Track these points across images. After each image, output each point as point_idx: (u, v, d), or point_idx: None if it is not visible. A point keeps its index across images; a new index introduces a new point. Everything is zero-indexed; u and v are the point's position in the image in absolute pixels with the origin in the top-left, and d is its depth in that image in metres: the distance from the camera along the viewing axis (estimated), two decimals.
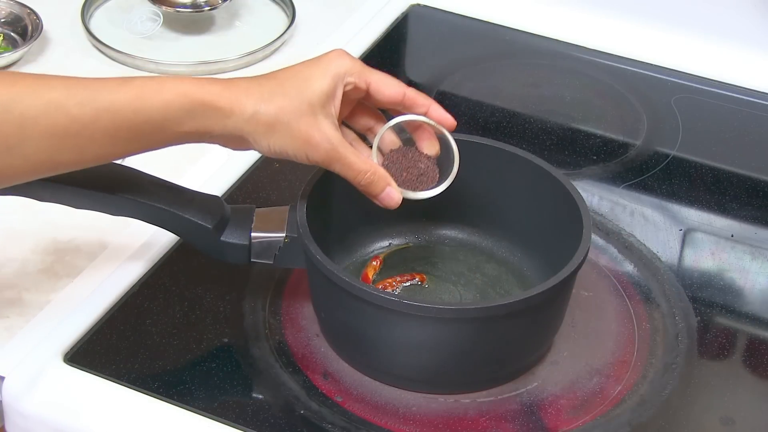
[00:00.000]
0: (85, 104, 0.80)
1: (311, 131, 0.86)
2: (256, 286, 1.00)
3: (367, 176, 0.89)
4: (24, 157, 0.80)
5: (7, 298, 0.98)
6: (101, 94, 0.81)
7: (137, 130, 0.83)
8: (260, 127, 0.85)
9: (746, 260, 1.08)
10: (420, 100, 0.91)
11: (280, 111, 0.85)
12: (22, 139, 0.79)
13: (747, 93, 1.30)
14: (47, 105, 0.79)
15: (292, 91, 0.86)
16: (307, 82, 0.87)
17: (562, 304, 0.94)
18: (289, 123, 0.85)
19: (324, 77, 0.87)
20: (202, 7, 1.34)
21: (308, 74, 0.87)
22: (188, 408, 0.89)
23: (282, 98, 0.85)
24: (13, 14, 1.30)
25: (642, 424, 0.90)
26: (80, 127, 0.80)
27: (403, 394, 0.91)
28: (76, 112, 0.80)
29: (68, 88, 0.80)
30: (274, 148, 0.87)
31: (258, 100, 0.85)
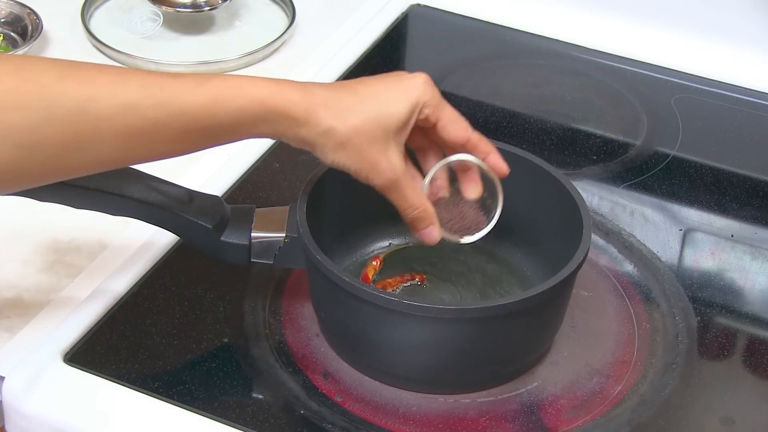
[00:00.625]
0: (159, 107, 0.80)
1: (380, 158, 0.86)
2: (256, 286, 1.00)
3: (417, 212, 0.90)
4: (95, 155, 0.80)
5: (7, 298, 0.98)
6: (177, 97, 0.80)
7: (209, 132, 0.83)
8: (331, 142, 0.85)
9: (746, 260, 1.08)
10: (482, 147, 0.91)
11: (355, 132, 0.85)
12: (95, 139, 0.79)
13: (747, 93, 1.30)
14: (123, 107, 0.79)
15: (371, 113, 0.85)
16: (386, 106, 0.86)
17: (562, 304, 0.94)
18: (361, 145, 0.85)
19: (404, 104, 0.86)
20: (202, 7, 1.34)
21: (389, 96, 0.86)
22: (188, 408, 0.89)
23: (359, 118, 0.85)
24: (13, 14, 1.30)
25: (642, 424, 0.90)
26: (153, 129, 0.80)
27: (403, 394, 0.91)
28: (151, 115, 0.79)
29: (145, 88, 0.80)
30: (338, 163, 0.87)
31: (335, 115, 0.84)
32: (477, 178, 0.93)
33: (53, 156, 0.78)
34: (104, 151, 0.80)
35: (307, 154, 1.18)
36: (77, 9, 1.34)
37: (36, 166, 0.79)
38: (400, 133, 0.87)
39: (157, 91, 0.80)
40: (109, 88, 0.79)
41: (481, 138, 0.91)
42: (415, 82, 0.88)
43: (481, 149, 0.91)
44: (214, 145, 0.85)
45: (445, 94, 0.90)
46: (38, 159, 0.78)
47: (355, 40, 1.32)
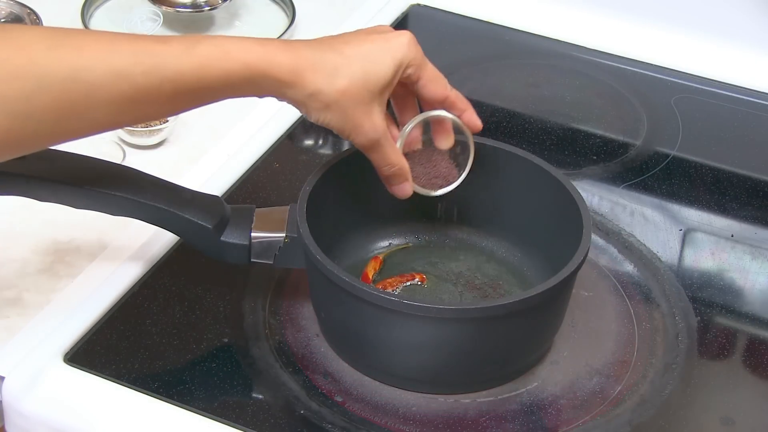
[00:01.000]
0: (150, 73, 0.81)
1: (363, 119, 0.88)
2: (256, 286, 1.00)
3: (393, 169, 0.92)
4: (88, 120, 0.81)
5: (7, 298, 0.98)
6: (166, 62, 0.81)
7: (198, 94, 0.84)
8: (318, 104, 0.86)
9: (746, 260, 1.08)
10: (458, 104, 0.93)
11: (341, 95, 0.86)
12: (87, 105, 0.80)
13: (747, 93, 1.30)
14: (114, 74, 0.80)
15: (357, 75, 0.86)
16: (372, 66, 0.87)
17: (562, 304, 0.94)
18: (346, 107, 0.87)
19: (388, 64, 0.88)
20: (202, 7, 1.34)
21: (375, 57, 0.88)
22: (188, 408, 0.89)
23: (345, 81, 0.86)
24: (13, 14, 1.30)
25: (642, 424, 0.90)
26: (144, 94, 0.81)
27: (403, 394, 0.91)
28: (142, 81, 0.80)
29: (135, 55, 0.81)
30: (323, 122, 0.88)
31: (322, 78, 0.85)
32: (450, 130, 0.95)
33: (47, 123, 0.79)
34: (97, 117, 0.81)
35: (307, 154, 1.18)
36: (77, 9, 1.34)
37: (30, 134, 0.80)
38: (384, 93, 0.88)
39: (147, 58, 0.81)
40: (100, 56, 0.80)
41: (459, 95, 0.93)
42: (399, 41, 0.89)
43: (458, 106, 0.93)
44: (202, 105, 0.86)
45: None
46: (32, 127, 0.79)
47: None
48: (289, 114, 1.19)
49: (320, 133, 1.21)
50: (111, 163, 0.95)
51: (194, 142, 1.17)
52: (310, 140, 1.19)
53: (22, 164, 0.90)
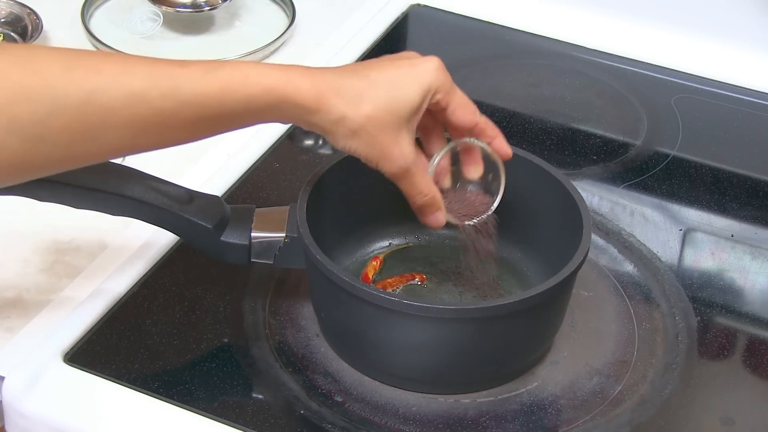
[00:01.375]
0: (168, 96, 0.79)
1: (392, 146, 0.86)
2: (256, 286, 1.00)
3: (426, 198, 0.90)
4: (103, 145, 0.80)
5: (7, 298, 0.98)
6: (185, 86, 0.79)
7: (218, 120, 0.82)
8: (344, 130, 0.84)
9: (746, 260, 1.08)
10: (488, 132, 0.92)
11: (367, 121, 0.84)
12: (103, 128, 0.78)
13: (747, 93, 1.30)
14: (130, 97, 0.78)
15: (382, 100, 0.84)
16: (399, 92, 0.85)
17: (562, 304, 0.94)
18: (373, 133, 0.85)
19: (416, 90, 0.86)
20: (202, 7, 1.34)
21: (402, 82, 0.86)
22: (188, 408, 0.89)
23: (371, 106, 0.84)
24: (13, 14, 1.30)
25: (642, 424, 0.90)
26: (161, 118, 0.79)
27: (403, 394, 0.91)
28: (159, 105, 0.79)
29: (152, 78, 0.79)
30: (349, 149, 0.86)
31: (347, 104, 0.84)
32: (479, 159, 0.93)
33: (60, 147, 0.78)
34: (112, 141, 0.79)
35: (307, 154, 1.18)
36: (77, 9, 1.34)
37: (43, 158, 0.78)
38: (412, 120, 0.87)
39: (165, 81, 0.79)
40: (115, 79, 0.78)
41: (488, 122, 0.91)
42: (427, 66, 0.87)
43: (488, 134, 0.92)
44: (224, 131, 0.84)
45: None
46: (45, 151, 0.77)
47: (355, 40, 1.32)
48: None
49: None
50: (111, 163, 0.95)
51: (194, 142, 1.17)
52: (310, 140, 1.19)
53: None
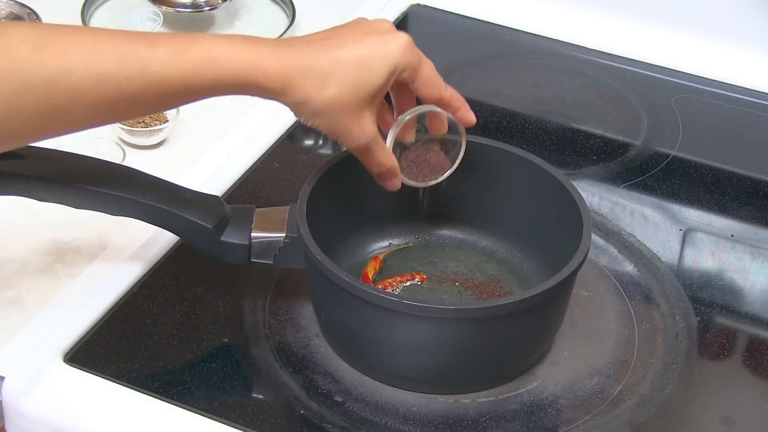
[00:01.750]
0: (135, 78, 0.80)
1: (353, 126, 0.87)
2: (256, 286, 1.00)
3: (383, 169, 0.92)
4: (70, 121, 0.81)
5: (7, 298, 0.98)
6: (153, 68, 0.80)
7: (183, 98, 0.83)
8: (306, 109, 0.86)
9: (746, 260, 1.08)
10: (453, 103, 0.92)
11: (331, 103, 0.85)
12: (70, 108, 0.79)
13: (747, 93, 1.30)
14: (98, 79, 0.79)
15: (349, 83, 0.85)
16: (366, 73, 0.86)
17: (562, 304, 0.94)
18: (335, 115, 0.86)
19: (384, 70, 0.86)
20: (202, 7, 1.34)
21: (369, 63, 0.86)
22: (188, 408, 0.89)
23: (336, 89, 0.85)
24: (13, 14, 1.30)
25: (642, 424, 0.90)
26: (128, 98, 0.80)
27: (403, 394, 0.91)
28: (126, 86, 0.80)
29: (121, 60, 0.79)
30: (312, 125, 0.88)
31: (312, 86, 0.84)
32: (443, 120, 0.94)
33: (28, 124, 0.79)
34: (79, 118, 0.81)
35: (307, 154, 1.18)
36: (77, 9, 1.34)
37: (12, 133, 0.79)
38: (375, 99, 0.88)
39: (133, 62, 0.80)
40: (84, 60, 0.79)
41: (453, 95, 0.92)
42: (396, 46, 0.87)
43: (453, 105, 0.93)
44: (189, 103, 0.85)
45: None
46: (12, 128, 0.79)
47: None
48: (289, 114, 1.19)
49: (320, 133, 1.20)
50: (111, 163, 0.95)
51: (194, 142, 1.17)
52: (310, 140, 1.19)
53: (22, 164, 0.90)
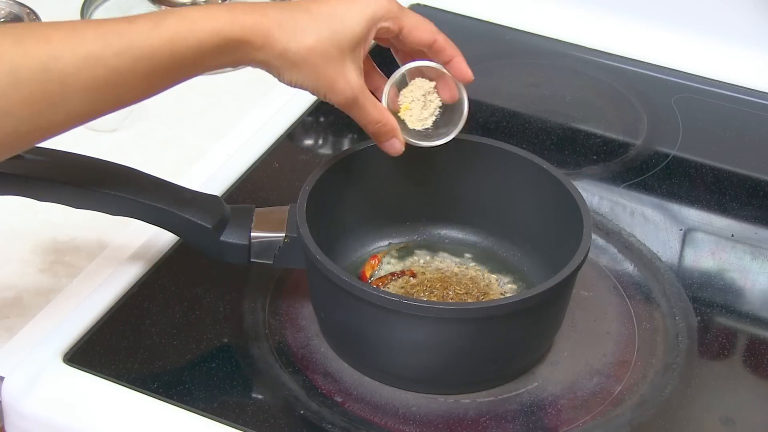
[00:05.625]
0: (121, 53, 0.80)
1: (336, 76, 0.87)
2: (256, 286, 1.00)
3: (377, 126, 0.91)
4: (66, 111, 0.80)
5: (7, 298, 0.98)
6: (136, 40, 0.80)
7: (172, 69, 0.83)
8: (287, 63, 0.86)
9: (746, 260, 1.08)
10: (447, 50, 0.92)
11: (310, 53, 0.85)
12: (63, 95, 0.79)
13: (747, 93, 1.30)
14: (86, 59, 0.79)
15: (324, 32, 0.85)
16: (341, 23, 0.86)
17: (562, 304, 0.94)
18: (316, 65, 0.86)
19: (359, 20, 0.87)
20: None
21: (344, 13, 0.86)
22: (188, 408, 0.89)
23: (313, 38, 0.85)
24: (13, 14, 1.30)
25: (642, 424, 0.90)
26: (119, 76, 0.80)
27: (403, 394, 0.91)
28: (114, 63, 0.80)
29: (104, 38, 0.80)
30: (296, 83, 0.87)
31: (290, 36, 0.85)
32: (452, 86, 0.94)
33: (25, 119, 0.78)
34: (75, 107, 0.80)
35: (307, 154, 1.18)
36: (77, 8, 1.34)
37: (10, 132, 0.78)
38: (357, 50, 0.87)
39: (116, 39, 0.80)
40: (67, 44, 0.79)
41: (447, 41, 0.91)
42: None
43: (447, 53, 0.92)
44: (180, 81, 0.85)
45: None
46: (11, 125, 0.78)
47: None
48: (289, 114, 1.19)
49: (320, 133, 1.21)
50: (111, 163, 0.95)
51: (194, 142, 1.17)
52: (310, 140, 1.19)
53: (22, 164, 0.90)
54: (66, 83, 0.78)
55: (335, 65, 0.86)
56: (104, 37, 0.80)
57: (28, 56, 0.77)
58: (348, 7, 0.87)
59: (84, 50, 0.79)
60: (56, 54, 0.78)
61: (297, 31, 0.85)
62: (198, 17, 0.83)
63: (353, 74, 0.88)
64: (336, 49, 0.86)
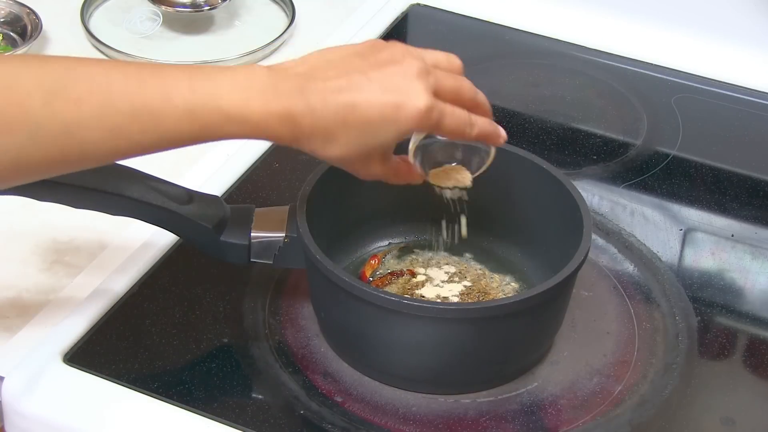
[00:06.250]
0: (147, 132, 0.79)
1: (360, 170, 0.86)
2: (256, 286, 1.00)
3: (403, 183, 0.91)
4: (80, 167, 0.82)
5: (7, 298, 0.98)
6: (165, 124, 0.79)
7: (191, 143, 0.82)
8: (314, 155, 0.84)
9: (746, 260, 1.08)
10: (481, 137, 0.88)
11: (335, 159, 0.84)
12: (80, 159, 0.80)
13: (747, 93, 1.30)
14: (110, 132, 0.78)
15: (354, 144, 0.82)
16: (373, 138, 0.82)
17: (562, 304, 0.94)
18: (340, 164, 0.85)
19: (392, 135, 0.82)
20: (201, 7, 1.34)
21: (378, 129, 0.82)
22: (188, 408, 0.89)
23: (341, 149, 0.82)
24: (13, 14, 1.30)
25: (642, 424, 0.90)
26: (141, 148, 0.80)
27: (403, 394, 0.91)
28: (138, 139, 0.79)
29: (134, 114, 0.78)
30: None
31: (317, 144, 0.82)
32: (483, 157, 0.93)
33: (38, 171, 0.80)
34: (87, 166, 0.82)
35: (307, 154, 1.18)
36: (77, 8, 1.34)
37: (21, 178, 0.80)
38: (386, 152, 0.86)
39: (147, 117, 0.78)
40: (97, 114, 0.78)
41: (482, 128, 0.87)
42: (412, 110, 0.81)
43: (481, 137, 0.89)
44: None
45: None
46: (23, 173, 0.79)
47: (355, 39, 1.31)
48: None
49: None
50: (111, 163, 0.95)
51: None
52: None
53: None
54: (86, 150, 0.79)
55: (359, 164, 0.85)
56: (135, 113, 0.78)
57: (55, 119, 0.77)
58: (385, 120, 0.81)
59: (112, 123, 0.78)
60: (83, 123, 0.77)
61: (325, 140, 0.82)
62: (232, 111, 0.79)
63: (376, 166, 0.85)
64: (363, 156, 0.84)
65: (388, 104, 0.81)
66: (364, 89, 0.81)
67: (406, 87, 0.82)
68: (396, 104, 0.81)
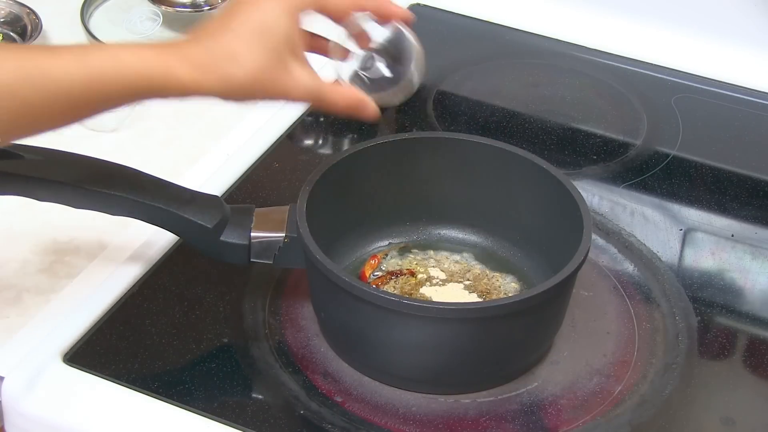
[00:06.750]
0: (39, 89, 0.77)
1: (287, 85, 0.84)
2: (256, 286, 1.00)
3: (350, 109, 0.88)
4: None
5: (7, 298, 0.98)
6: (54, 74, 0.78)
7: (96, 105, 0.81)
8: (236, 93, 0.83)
9: (746, 260, 1.08)
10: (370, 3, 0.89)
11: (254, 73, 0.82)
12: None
13: (747, 93, 1.30)
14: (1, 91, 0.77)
15: (255, 46, 0.81)
16: (264, 28, 0.82)
17: (562, 304, 0.94)
18: (263, 80, 0.83)
19: (279, 16, 0.83)
20: (201, 7, 1.34)
21: (261, 17, 0.82)
22: (188, 408, 0.89)
23: (247, 58, 0.81)
24: (13, 14, 1.30)
25: (642, 424, 0.90)
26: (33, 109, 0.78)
27: (403, 394, 0.91)
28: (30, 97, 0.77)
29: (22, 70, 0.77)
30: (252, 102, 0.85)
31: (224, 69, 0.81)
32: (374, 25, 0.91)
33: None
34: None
35: (307, 154, 1.18)
36: (76, 8, 1.34)
37: None
38: (293, 47, 0.84)
39: (36, 74, 0.77)
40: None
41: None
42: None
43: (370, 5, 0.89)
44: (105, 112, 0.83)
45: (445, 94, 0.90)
46: None
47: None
48: (289, 114, 1.19)
49: (320, 133, 1.21)
50: (111, 163, 0.95)
51: (194, 142, 1.17)
52: (310, 140, 1.19)
53: (22, 164, 0.90)
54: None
55: (279, 72, 0.83)
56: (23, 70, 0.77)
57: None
58: (266, 10, 0.83)
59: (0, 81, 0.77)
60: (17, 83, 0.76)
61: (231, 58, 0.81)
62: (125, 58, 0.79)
63: (301, 73, 0.84)
64: (274, 56, 0.82)
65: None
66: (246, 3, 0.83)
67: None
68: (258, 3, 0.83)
